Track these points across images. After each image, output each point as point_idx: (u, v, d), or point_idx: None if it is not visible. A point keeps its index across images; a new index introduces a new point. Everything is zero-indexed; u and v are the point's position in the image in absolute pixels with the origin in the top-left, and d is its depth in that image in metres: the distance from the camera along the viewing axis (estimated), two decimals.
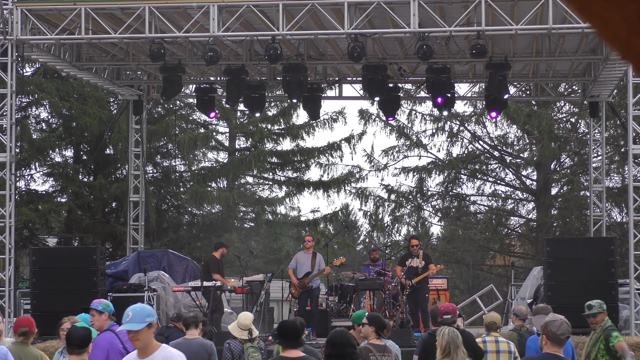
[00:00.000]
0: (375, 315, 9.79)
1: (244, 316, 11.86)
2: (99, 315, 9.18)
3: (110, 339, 8.71)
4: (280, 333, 7.84)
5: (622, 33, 1.60)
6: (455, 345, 8.60)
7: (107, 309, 9.15)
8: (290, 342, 7.63)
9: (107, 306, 9.19)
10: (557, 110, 34.40)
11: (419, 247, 19.03)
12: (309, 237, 19.57)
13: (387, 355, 9.13)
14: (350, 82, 23.48)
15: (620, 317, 17.82)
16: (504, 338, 10.86)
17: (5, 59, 18.27)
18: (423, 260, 18.80)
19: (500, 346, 10.54)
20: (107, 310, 9.14)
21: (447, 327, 8.89)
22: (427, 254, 19.83)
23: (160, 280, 19.84)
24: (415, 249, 18.87)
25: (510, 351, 10.56)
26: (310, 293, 18.92)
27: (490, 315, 11.22)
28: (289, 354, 7.66)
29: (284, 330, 7.77)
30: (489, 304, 27.02)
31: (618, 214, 32.95)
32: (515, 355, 10.56)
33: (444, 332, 8.80)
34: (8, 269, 18.11)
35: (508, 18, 17.17)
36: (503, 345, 10.57)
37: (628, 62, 1.68)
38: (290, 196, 35.95)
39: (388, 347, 9.38)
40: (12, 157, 18.46)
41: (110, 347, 8.58)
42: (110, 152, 31.88)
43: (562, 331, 7.05)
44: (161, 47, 18.25)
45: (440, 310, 10.27)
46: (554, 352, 7.07)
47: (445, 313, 10.10)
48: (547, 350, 7.11)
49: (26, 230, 30.68)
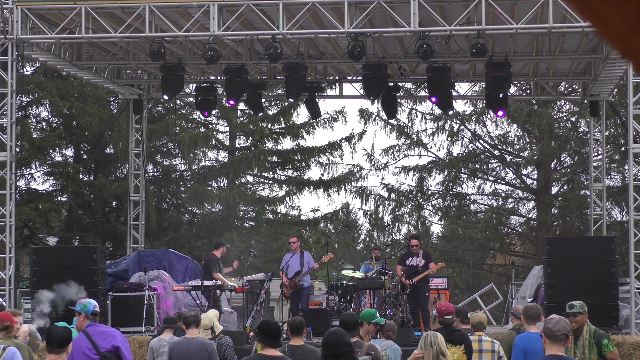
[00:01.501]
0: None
1: (203, 317, 12.28)
2: (78, 316, 9.17)
3: (78, 340, 8.69)
4: (262, 331, 8.09)
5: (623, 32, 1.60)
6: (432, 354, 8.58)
7: (84, 310, 9.07)
8: (270, 341, 7.93)
9: (84, 307, 9.12)
10: (558, 109, 34.40)
11: (418, 246, 19.04)
12: (293, 239, 19.78)
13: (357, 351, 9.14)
14: (350, 81, 23.49)
15: (621, 316, 17.82)
16: (488, 338, 10.80)
17: (6, 58, 18.27)
18: (423, 259, 18.80)
19: (484, 345, 10.48)
20: (83, 310, 9.07)
21: (429, 333, 8.86)
22: (428, 252, 19.83)
23: (161, 279, 19.84)
24: (415, 248, 18.87)
25: (494, 350, 10.50)
26: (301, 292, 19.05)
27: (477, 315, 11.21)
28: (267, 352, 7.93)
29: (266, 329, 8.04)
30: (489, 303, 27.03)
31: (618, 213, 32.96)
32: (500, 354, 10.51)
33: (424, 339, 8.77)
34: (8, 268, 18.12)
35: (508, 17, 17.16)
36: (486, 344, 10.51)
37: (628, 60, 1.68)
38: (290, 195, 35.95)
39: (359, 342, 9.42)
40: (13, 156, 18.46)
41: (75, 348, 8.56)
42: (111, 151, 31.87)
43: (558, 328, 6.98)
44: (161, 46, 18.25)
45: (441, 310, 10.27)
46: (555, 352, 6.99)
47: (446, 314, 10.09)
48: (548, 350, 7.03)
49: (26, 230, 30.68)
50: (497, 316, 29.25)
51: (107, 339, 8.82)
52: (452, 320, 10.05)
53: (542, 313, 10.56)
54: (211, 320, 12.35)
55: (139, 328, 18.44)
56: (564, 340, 7.02)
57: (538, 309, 10.29)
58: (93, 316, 9.05)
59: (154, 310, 18.73)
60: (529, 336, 9.76)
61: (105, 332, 8.98)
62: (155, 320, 18.56)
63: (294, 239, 19.87)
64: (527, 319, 10.16)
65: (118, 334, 9.11)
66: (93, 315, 9.05)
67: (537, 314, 10.11)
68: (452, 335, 9.63)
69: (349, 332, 8.38)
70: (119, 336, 9.00)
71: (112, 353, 8.73)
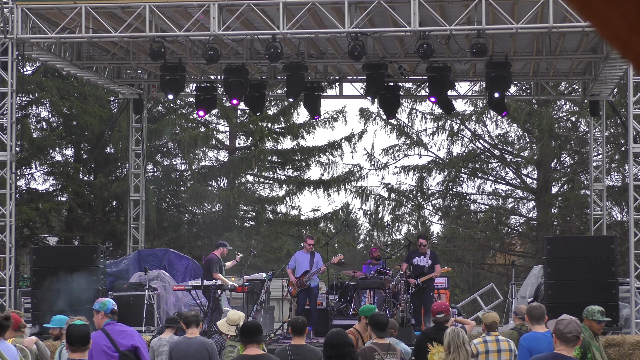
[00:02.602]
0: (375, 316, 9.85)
1: (233, 313, 11.99)
2: (97, 315, 9.17)
3: (96, 338, 8.69)
4: (241, 332, 8.34)
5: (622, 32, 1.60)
6: (456, 345, 8.69)
7: (103, 308, 9.11)
8: (247, 338, 8.12)
9: (103, 305, 9.15)
10: (558, 109, 34.40)
11: (426, 246, 19.06)
12: (312, 240, 19.57)
13: (392, 354, 9.17)
14: (350, 81, 23.49)
15: (621, 316, 17.82)
16: (504, 337, 10.88)
17: (6, 58, 18.28)
18: (430, 259, 18.80)
19: (501, 345, 10.57)
20: (102, 309, 9.10)
21: (452, 327, 9.02)
22: (435, 253, 19.82)
23: (161, 279, 19.85)
24: (423, 248, 18.88)
25: (511, 349, 10.60)
26: (309, 292, 18.98)
27: (490, 315, 11.22)
28: (249, 352, 8.10)
29: (243, 329, 8.31)
30: (489, 303, 27.02)
31: (618, 212, 32.96)
32: (515, 353, 10.58)
33: (447, 332, 8.98)
34: (8, 267, 18.12)
35: (508, 17, 17.17)
36: (504, 344, 10.60)
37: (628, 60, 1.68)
38: (290, 195, 35.95)
39: (392, 345, 9.41)
40: (13, 156, 18.46)
41: (94, 346, 8.55)
42: (111, 151, 31.89)
43: (569, 329, 7.03)
44: (161, 45, 18.25)
45: (433, 309, 10.32)
46: (562, 351, 7.04)
47: (438, 312, 10.14)
48: (557, 349, 7.10)
49: (26, 229, 30.68)
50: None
51: (126, 337, 8.83)
52: (444, 319, 10.10)
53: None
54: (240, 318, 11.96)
55: (139, 328, 18.42)
56: (574, 341, 7.09)
57: (542, 309, 10.31)
58: (112, 314, 9.06)
59: (154, 310, 18.74)
60: (534, 336, 9.80)
61: (124, 331, 8.99)
62: (155, 320, 18.57)
63: (312, 240, 19.71)
64: (531, 318, 10.18)
65: (136, 333, 9.12)
66: (112, 313, 9.07)
67: (541, 313, 10.13)
68: (440, 334, 9.64)
69: (380, 332, 8.46)
70: (137, 336, 9.02)
71: (132, 352, 8.74)
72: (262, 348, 8.73)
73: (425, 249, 18.86)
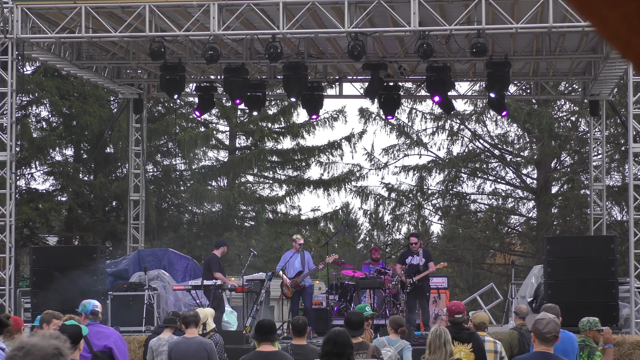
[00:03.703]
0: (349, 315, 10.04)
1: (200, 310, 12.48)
2: (80, 317, 9.23)
3: None
4: (255, 330, 8.61)
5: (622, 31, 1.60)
6: (436, 346, 8.69)
7: (83, 310, 9.19)
8: (262, 335, 8.39)
9: (84, 307, 9.23)
10: (558, 108, 34.40)
11: (418, 244, 18.99)
12: (300, 240, 19.61)
13: (363, 353, 9.15)
14: (350, 80, 23.48)
15: (621, 316, 17.82)
16: (491, 338, 10.81)
17: (6, 58, 18.27)
18: (423, 257, 18.77)
19: (486, 345, 10.50)
20: (83, 311, 9.19)
21: (435, 327, 9.05)
22: (428, 251, 19.79)
23: (161, 279, 19.85)
24: (415, 247, 18.82)
25: (497, 351, 10.52)
26: (304, 292, 19.02)
27: (479, 315, 11.20)
28: (263, 349, 8.33)
29: (258, 327, 8.58)
30: (489, 303, 27.03)
31: (618, 212, 32.97)
32: (501, 355, 10.54)
33: (430, 331, 9.05)
34: (8, 267, 18.12)
35: (508, 17, 17.17)
36: (489, 344, 10.53)
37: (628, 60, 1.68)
38: (290, 195, 35.95)
39: (365, 343, 9.44)
40: (13, 155, 18.46)
41: None
42: (111, 151, 31.89)
43: (548, 329, 7.05)
44: (161, 45, 18.26)
45: (451, 309, 10.25)
46: (543, 349, 7.07)
47: (457, 312, 10.08)
48: (537, 348, 7.13)
49: (26, 229, 30.69)
50: (497, 316, 29.25)
51: (101, 338, 8.86)
52: (462, 319, 10.06)
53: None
54: (205, 316, 12.43)
55: (139, 328, 18.45)
56: (552, 341, 7.12)
57: (556, 309, 10.29)
58: (93, 315, 9.09)
59: (154, 310, 18.74)
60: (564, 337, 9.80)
61: (101, 331, 9.02)
62: (155, 320, 18.57)
63: (301, 240, 19.74)
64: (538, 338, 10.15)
65: (115, 335, 9.13)
66: (92, 314, 9.09)
67: (556, 314, 10.13)
68: (460, 333, 9.64)
69: (354, 331, 8.58)
70: (115, 337, 9.03)
71: (105, 353, 8.76)
72: (276, 346, 8.90)
73: (417, 247, 18.79)
